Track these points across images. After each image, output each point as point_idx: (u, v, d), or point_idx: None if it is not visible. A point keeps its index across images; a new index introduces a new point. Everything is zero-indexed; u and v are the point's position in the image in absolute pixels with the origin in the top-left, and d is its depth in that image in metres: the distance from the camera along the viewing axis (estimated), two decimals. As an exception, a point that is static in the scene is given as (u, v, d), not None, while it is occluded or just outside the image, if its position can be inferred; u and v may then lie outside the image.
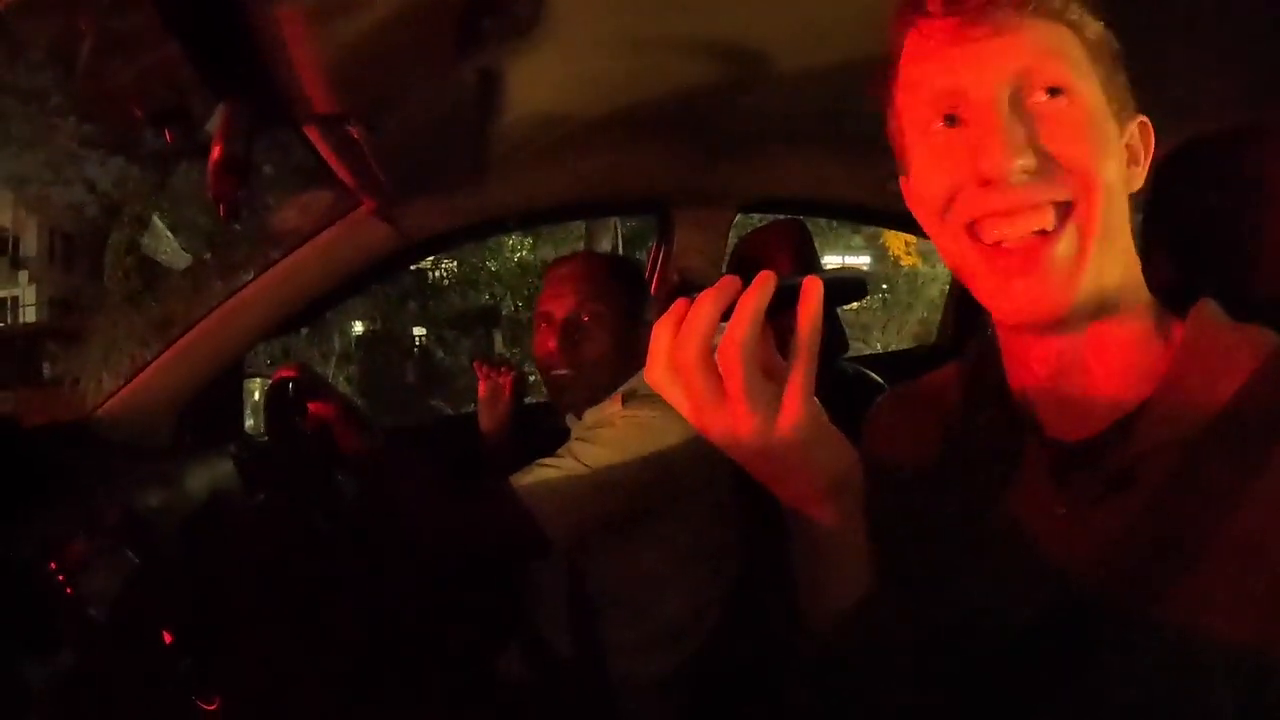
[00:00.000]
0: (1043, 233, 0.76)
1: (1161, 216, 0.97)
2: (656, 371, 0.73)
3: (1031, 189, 0.76)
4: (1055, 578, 0.80)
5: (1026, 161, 0.74)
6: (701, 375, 0.70)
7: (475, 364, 2.16)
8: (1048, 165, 0.75)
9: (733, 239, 2.52)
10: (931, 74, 0.81)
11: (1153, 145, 0.83)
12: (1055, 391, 0.84)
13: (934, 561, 0.91)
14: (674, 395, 0.73)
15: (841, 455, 0.80)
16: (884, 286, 19.56)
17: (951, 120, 0.80)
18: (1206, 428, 0.74)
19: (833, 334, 2.11)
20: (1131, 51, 0.81)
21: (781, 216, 2.38)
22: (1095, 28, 0.79)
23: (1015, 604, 0.83)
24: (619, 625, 1.73)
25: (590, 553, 1.73)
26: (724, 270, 2.44)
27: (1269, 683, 0.66)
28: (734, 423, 0.71)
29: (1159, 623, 0.72)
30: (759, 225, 2.32)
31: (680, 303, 0.72)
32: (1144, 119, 0.83)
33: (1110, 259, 0.77)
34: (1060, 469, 0.83)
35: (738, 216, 2.63)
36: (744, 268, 2.12)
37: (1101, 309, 0.79)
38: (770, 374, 0.72)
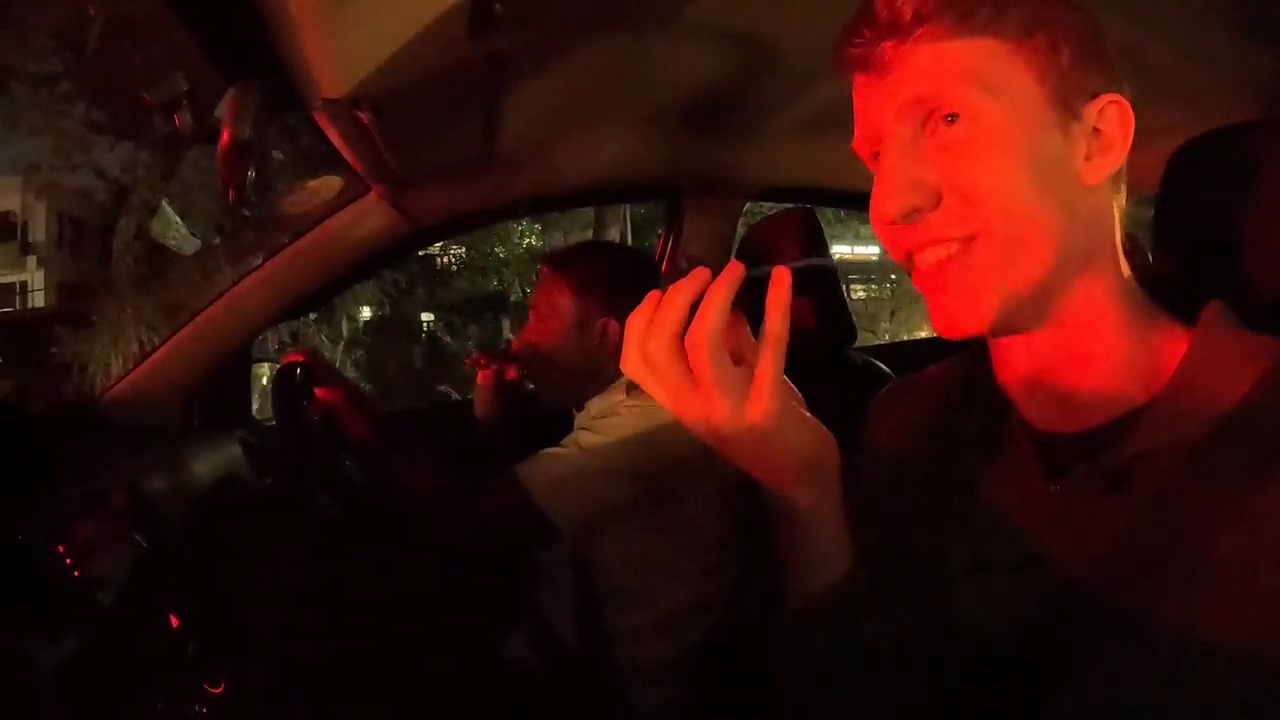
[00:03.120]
0: (949, 256, 0.79)
1: (1171, 214, 0.96)
2: (631, 362, 0.77)
3: (929, 226, 0.78)
4: (1045, 572, 0.80)
5: (911, 202, 0.77)
6: (672, 365, 0.74)
7: (473, 358, 2.15)
8: (946, 198, 0.77)
9: (742, 228, 2.51)
10: (861, 117, 0.84)
11: (1131, 125, 0.78)
12: (1041, 388, 0.85)
13: (928, 553, 0.91)
14: (649, 385, 0.77)
15: (815, 440, 0.83)
16: (892, 277, 19.55)
17: (875, 159, 0.83)
18: (1211, 432, 0.73)
19: (841, 324, 2.11)
20: (1144, 44, 0.80)
21: (791, 205, 2.38)
22: (1024, 24, 0.76)
23: (1006, 598, 0.83)
24: (624, 612, 1.74)
25: (596, 540, 1.73)
26: (733, 258, 2.44)
27: (1269, 688, 0.66)
28: (706, 409, 0.74)
29: (1153, 623, 0.71)
30: (768, 214, 2.32)
31: (653, 295, 0.76)
32: (1114, 97, 0.78)
33: (1035, 269, 0.77)
34: (1051, 463, 0.83)
35: (747, 205, 2.62)
36: (752, 257, 2.13)
37: (1031, 316, 0.80)
38: (745, 361, 0.76)
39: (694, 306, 0.74)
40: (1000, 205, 0.75)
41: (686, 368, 0.74)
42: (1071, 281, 0.79)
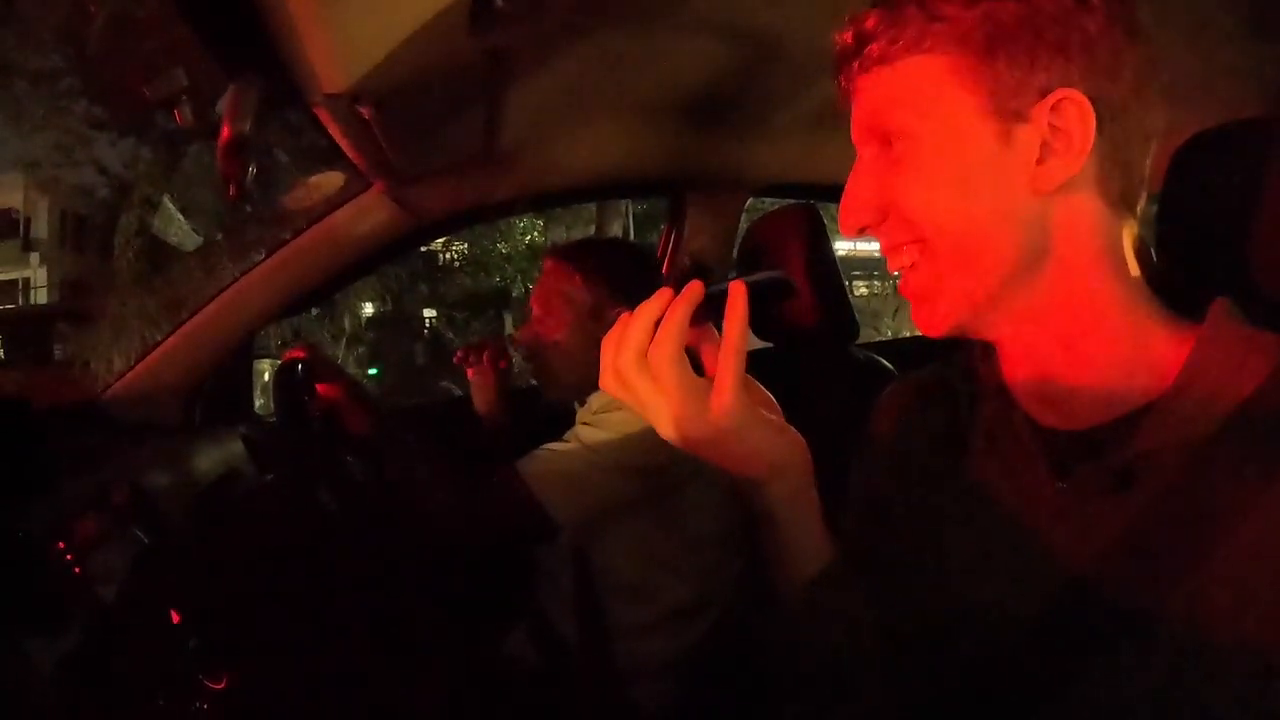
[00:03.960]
0: (905, 268, 0.85)
1: (1175, 212, 0.96)
2: (606, 379, 0.85)
3: (883, 238, 0.85)
4: (1048, 570, 0.80)
5: (859, 221, 0.85)
6: (640, 377, 0.82)
7: (458, 354, 2.16)
8: (892, 215, 0.83)
9: (744, 223, 2.51)
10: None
11: (1091, 120, 0.75)
12: (1045, 385, 0.85)
13: (932, 550, 0.92)
14: (624, 398, 0.85)
15: (781, 441, 0.90)
16: (895, 274, 19.55)
17: None
18: (1216, 431, 0.73)
19: (844, 320, 2.10)
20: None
21: (794, 201, 2.37)
22: (955, 34, 0.76)
23: (1009, 596, 0.83)
24: (626, 608, 1.74)
25: (597, 536, 1.73)
26: (735, 255, 2.44)
27: (1270, 686, 0.66)
28: (672, 416, 0.82)
29: (1155, 621, 0.71)
30: (771, 210, 2.31)
31: (623, 317, 0.84)
32: (1067, 94, 0.75)
33: (983, 278, 0.80)
34: (1057, 460, 0.83)
35: (750, 201, 2.62)
36: (755, 253, 2.12)
37: (1001, 317, 0.83)
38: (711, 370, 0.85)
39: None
40: (931, 223, 0.80)
41: (653, 380, 0.81)
42: (1037, 284, 0.80)
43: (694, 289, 0.81)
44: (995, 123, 0.76)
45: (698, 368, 0.85)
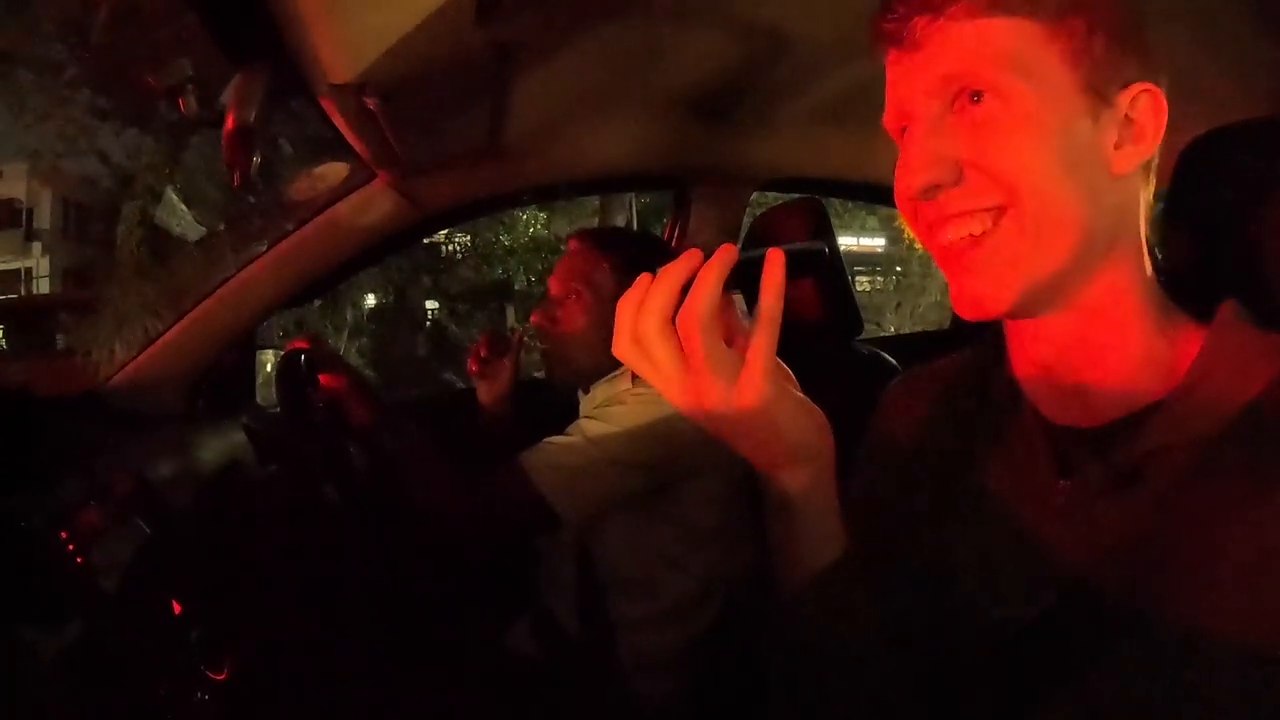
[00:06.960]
0: (973, 236, 0.78)
1: (1181, 210, 0.96)
2: (622, 345, 0.77)
3: (955, 199, 0.78)
4: (1052, 567, 0.80)
5: (932, 177, 0.77)
6: (664, 346, 0.74)
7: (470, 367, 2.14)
8: (970, 174, 0.77)
9: (749, 218, 2.50)
10: (891, 93, 0.84)
11: (1164, 115, 0.78)
12: (1057, 380, 0.85)
13: (936, 545, 0.91)
14: (640, 367, 0.77)
15: (808, 423, 0.83)
16: (897, 269, 19.54)
17: (903, 134, 0.84)
18: (1223, 431, 0.73)
19: (847, 315, 2.10)
20: (1156, 37, 0.79)
21: (798, 196, 2.37)
22: (1058, 6, 0.76)
23: (1013, 592, 0.83)
24: (628, 602, 1.73)
25: (600, 530, 1.73)
26: (740, 249, 2.43)
27: (1272, 685, 0.65)
28: (697, 390, 0.74)
29: (1160, 620, 0.71)
30: (775, 204, 2.31)
31: (643, 278, 0.76)
32: (1148, 86, 0.78)
33: (1060, 253, 0.77)
34: (1064, 457, 0.83)
35: (754, 195, 2.62)
36: (759, 247, 2.12)
37: (1052, 301, 0.80)
38: (736, 343, 0.76)
39: (685, 290, 0.74)
40: (1028, 183, 0.75)
41: (678, 349, 0.74)
42: (1093, 270, 0.79)
43: (728, 251, 0.75)
44: (1088, 100, 0.76)
45: None
